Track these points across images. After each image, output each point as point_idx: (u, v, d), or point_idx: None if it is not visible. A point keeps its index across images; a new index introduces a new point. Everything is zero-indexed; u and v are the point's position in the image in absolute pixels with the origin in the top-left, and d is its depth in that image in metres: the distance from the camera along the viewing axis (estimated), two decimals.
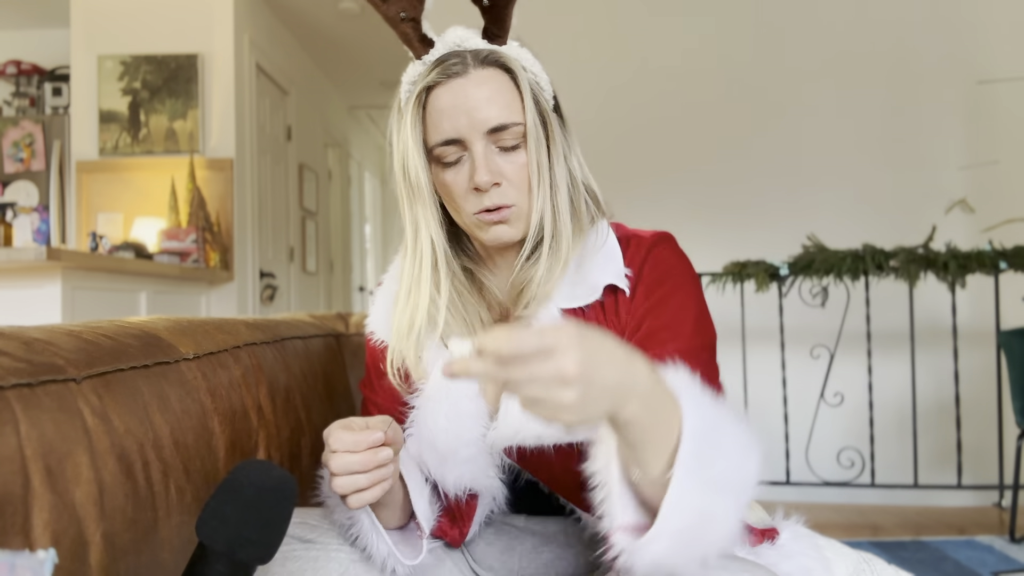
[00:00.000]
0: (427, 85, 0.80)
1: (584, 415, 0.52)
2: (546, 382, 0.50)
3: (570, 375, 0.50)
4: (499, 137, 0.79)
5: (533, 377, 0.50)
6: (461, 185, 0.80)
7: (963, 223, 2.95)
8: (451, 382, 0.81)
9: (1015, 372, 2.39)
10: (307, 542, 0.76)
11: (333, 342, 1.36)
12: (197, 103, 3.59)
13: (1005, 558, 2.20)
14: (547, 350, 0.50)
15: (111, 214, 3.55)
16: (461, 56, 0.80)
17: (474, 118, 0.78)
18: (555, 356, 0.50)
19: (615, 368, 0.53)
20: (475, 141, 0.78)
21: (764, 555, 0.78)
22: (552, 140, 0.82)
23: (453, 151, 0.80)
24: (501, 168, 0.79)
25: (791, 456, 2.92)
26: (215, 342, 0.93)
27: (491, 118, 0.78)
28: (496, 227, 0.81)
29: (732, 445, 0.60)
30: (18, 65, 4.17)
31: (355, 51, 4.92)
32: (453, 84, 0.79)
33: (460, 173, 0.80)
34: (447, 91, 0.79)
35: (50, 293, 2.27)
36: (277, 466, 0.61)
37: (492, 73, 0.80)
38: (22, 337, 0.65)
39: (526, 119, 0.79)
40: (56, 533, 0.56)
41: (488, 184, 0.78)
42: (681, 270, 0.82)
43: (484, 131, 0.78)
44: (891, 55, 3.13)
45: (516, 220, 0.81)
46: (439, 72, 0.79)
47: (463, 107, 0.78)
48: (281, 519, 0.59)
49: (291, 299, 4.52)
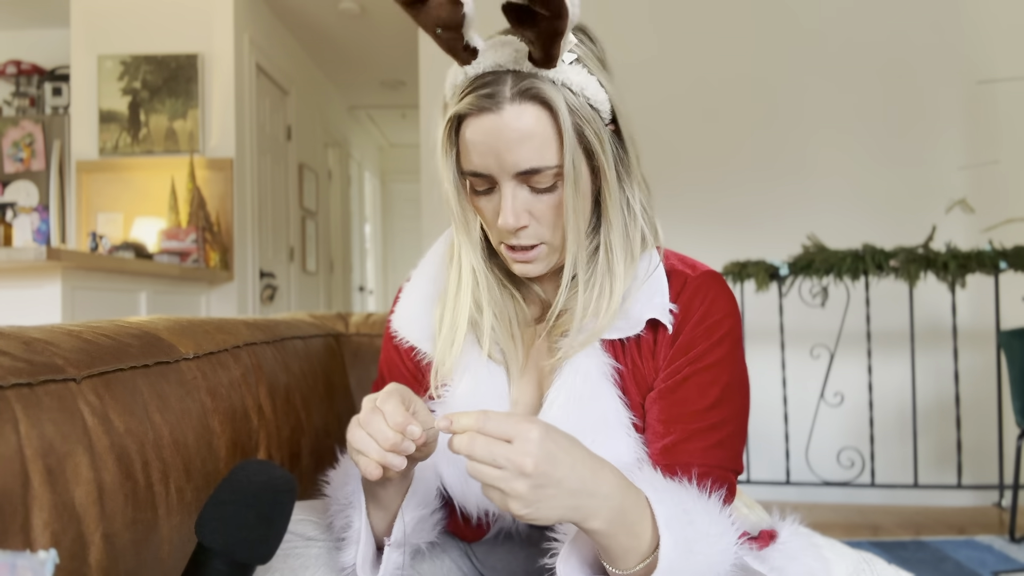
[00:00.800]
0: (458, 113, 0.73)
1: (536, 513, 0.56)
2: (502, 467, 0.55)
3: (526, 468, 0.54)
4: (531, 179, 0.73)
5: (493, 458, 0.55)
6: (491, 215, 0.77)
7: (963, 223, 2.95)
8: (481, 397, 0.80)
9: (1015, 372, 2.39)
10: (309, 539, 0.76)
11: (333, 342, 1.36)
12: (197, 103, 3.59)
13: (1005, 558, 2.20)
14: (511, 438, 0.55)
15: (111, 214, 3.55)
16: (499, 82, 0.71)
17: (504, 159, 0.72)
18: (517, 445, 0.55)
19: (576, 476, 0.57)
20: (504, 182, 0.73)
21: (770, 558, 0.78)
22: (602, 171, 0.75)
23: (483, 183, 0.76)
24: (531, 207, 0.75)
25: (791, 456, 2.92)
26: (215, 342, 0.93)
27: (521, 161, 0.71)
28: (519, 266, 0.78)
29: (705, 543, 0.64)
30: (18, 65, 4.17)
31: (355, 51, 4.92)
32: (484, 120, 0.71)
33: (491, 203, 0.76)
34: (479, 125, 0.72)
35: (50, 293, 2.27)
36: (277, 466, 0.61)
37: (528, 110, 0.71)
38: (22, 337, 0.64)
39: (563, 160, 0.72)
40: (56, 533, 0.56)
41: (513, 228, 0.74)
42: (729, 325, 0.77)
43: (513, 173, 0.73)
44: (891, 55, 3.13)
45: (544, 258, 0.78)
46: (470, 102, 0.72)
47: (493, 147, 0.71)
48: (281, 519, 0.59)
49: (291, 299, 4.52)
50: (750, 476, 2.94)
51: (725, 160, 3.20)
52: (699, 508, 0.67)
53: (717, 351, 0.75)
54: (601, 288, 0.77)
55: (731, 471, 0.75)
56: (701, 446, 0.73)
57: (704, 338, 0.75)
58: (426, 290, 0.88)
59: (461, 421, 0.57)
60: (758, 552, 0.79)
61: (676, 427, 0.74)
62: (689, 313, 0.76)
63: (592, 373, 0.76)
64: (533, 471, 0.55)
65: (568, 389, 0.75)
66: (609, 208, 0.77)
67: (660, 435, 0.75)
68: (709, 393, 0.74)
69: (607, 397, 0.75)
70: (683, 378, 0.75)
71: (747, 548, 0.77)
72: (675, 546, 0.61)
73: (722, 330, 0.76)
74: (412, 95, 4.96)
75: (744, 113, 3.20)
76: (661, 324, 0.76)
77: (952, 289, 2.63)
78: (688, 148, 3.21)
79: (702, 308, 0.76)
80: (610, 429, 0.75)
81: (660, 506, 0.63)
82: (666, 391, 0.75)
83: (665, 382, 0.76)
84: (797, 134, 3.17)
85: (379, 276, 7.57)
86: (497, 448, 0.55)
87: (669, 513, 0.63)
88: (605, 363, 0.76)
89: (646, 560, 0.63)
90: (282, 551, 0.72)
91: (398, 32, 4.44)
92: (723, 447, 0.74)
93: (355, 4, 4.13)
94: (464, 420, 0.57)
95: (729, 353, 0.76)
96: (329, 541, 0.77)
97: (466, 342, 0.81)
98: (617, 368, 0.77)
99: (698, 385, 0.74)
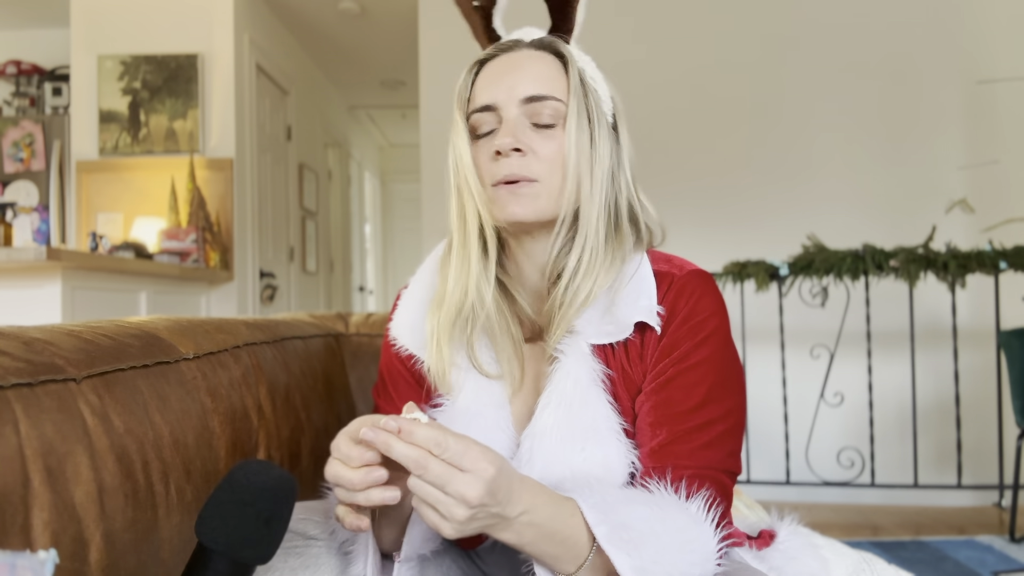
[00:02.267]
0: (480, 59, 0.82)
1: (465, 531, 0.59)
2: (448, 495, 0.56)
3: (471, 501, 0.56)
4: (535, 110, 0.76)
5: (443, 484, 0.56)
6: (487, 154, 0.77)
7: (963, 223, 2.95)
8: (481, 407, 0.80)
9: (1015, 372, 2.39)
10: (310, 538, 0.76)
11: (333, 342, 1.36)
12: (197, 103, 3.59)
13: (1005, 558, 2.20)
14: (467, 471, 0.56)
15: (111, 214, 3.55)
16: (518, 40, 0.82)
17: (513, 86, 0.77)
18: (468, 477, 0.56)
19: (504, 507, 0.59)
20: (509, 107, 0.77)
21: (769, 558, 0.78)
22: (594, 142, 0.78)
23: (487, 120, 0.78)
24: (530, 140, 0.76)
25: (791, 456, 2.92)
26: (215, 342, 0.93)
27: (529, 87, 0.77)
28: (509, 203, 0.76)
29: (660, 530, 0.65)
30: (18, 65, 4.17)
31: (355, 51, 4.92)
32: (503, 57, 0.80)
33: (489, 144, 0.78)
34: (496, 62, 0.80)
35: (50, 293, 2.27)
36: (276, 465, 0.61)
37: (542, 54, 0.80)
38: (22, 337, 0.64)
39: (569, 100, 0.77)
40: (56, 533, 0.56)
41: (508, 147, 0.74)
42: (714, 324, 0.76)
43: (520, 98, 0.77)
44: (891, 55, 3.13)
45: (534, 199, 0.76)
46: (491, 50, 0.81)
47: (505, 75, 0.78)
48: (281, 519, 0.59)
49: (291, 299, 4.52)
50: (750, 476, 2.94)
51: (725, 160, 3.20)
52: (645, 500, 0.68)
53: (702, 350, 0.75)
54: (581, 282, 0.76)
55: (723, 472, 0.74)
56: (689, 447, 0.72)
57: (688, 338, 0.75)
58: (422, 297, 0.87)
59: (418, 433, 0.57)
60: (757, 552, 0.79)
61: (663, 429, 0.73)
62: (674, 313, 0.76)
63: (583, 379, 0.75)
64: (476, 504, 0.57)
65: (559, 395, 0.75)
66: (595, 189, 0.78)
67: (648, 438, 0.74)
68: (695, 393, 0.73)
69: (597, 403, 0.75)
70: (667, 379, 0.74)
71: (745, 548, 0.77)
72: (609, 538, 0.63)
73: (707, 329, 0.75)
74: (412, 95, 4.96)
75: (744, 113, 3.20)
76: (649, 327, 0.76)
77: (952, 289, 2.63)
78: (688, 148, 3.21)
79: (687, 308, 0.76)
80: (600, 435, 0.74)
81: (588, 508, 0.65)
82: (652, 392, 0.75)
83: (651, 383, 0.75)
84: (797, 134, 3.17)
85: (379, 276, 7.58)
86: (450, 475, 0.56)
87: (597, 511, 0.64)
88: (595, 369, 0.76)
89: (588, 558, 0.64)
90: (283, 550, 0.72)
91: (398, 32, 4.44)
92: (712, 448, 0.73)
93: (355, 4, 4.13)
94: (421, 434, 0.57)
95: (715, 352, 0.75)
96: (331, 541, 0.77)
97: (463, 352, 0.81)
98: (608, 374, 0.77)
99: (683, 386, 0.74)
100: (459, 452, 0.57)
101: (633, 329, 0.76)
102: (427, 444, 0.57)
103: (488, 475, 0.57)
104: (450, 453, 0.57)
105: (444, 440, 0.57)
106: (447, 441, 0.57)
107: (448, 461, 0.57)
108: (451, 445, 0.57)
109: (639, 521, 0.65)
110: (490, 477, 0.57)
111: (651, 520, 0.66)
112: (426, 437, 0.57)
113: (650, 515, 0.66)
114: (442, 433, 0.57)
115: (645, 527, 0.65)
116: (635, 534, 0.64)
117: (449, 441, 0.57)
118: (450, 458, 0.57)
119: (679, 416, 0.73)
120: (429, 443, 0.57)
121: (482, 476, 0.57)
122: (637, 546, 0.63)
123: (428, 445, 0.57)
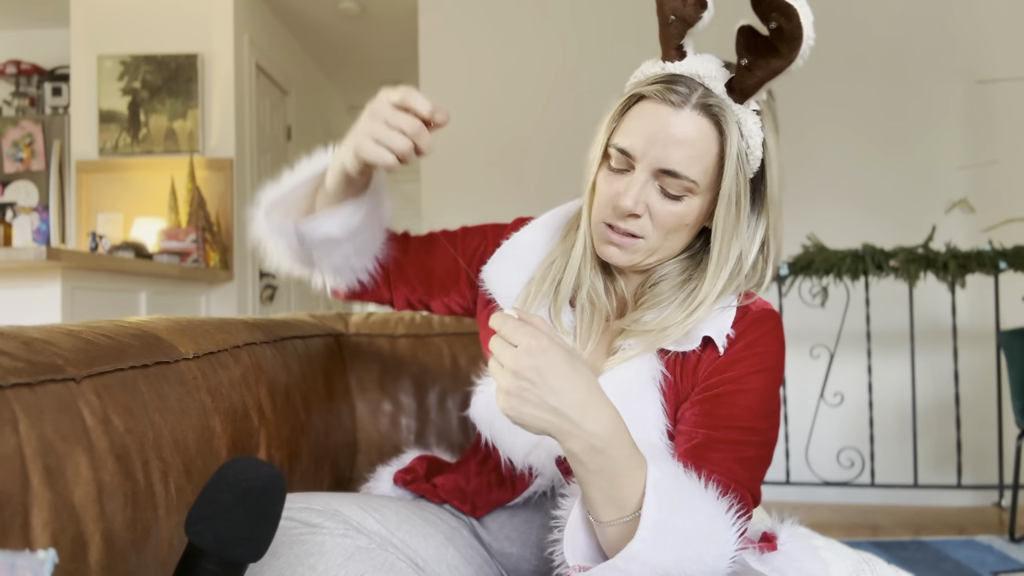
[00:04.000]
0: (641, 94, 0.77)
1: (517, 414, 0.62)
2: (502, 364, 0.62)
3: (517, 370, 0.61)
4: (667, 181, 0.76)
5: (498, 355, 0.63)
6: (608, 193, 0.80)
7: (963, 223, 2.95)
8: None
9: (1015, 372, 2.39)
10: (313, 526, 0.76)
11: (333, 342, 1.36)
12: (197, 103, 3.59)
13: (1005, 558, 2.20)
14: (516, 344, 0.62)
15: (111, 214, 3.56)
16: (689, 87, 0.76)
17: (655, 150, 0.75)
18: (518, 351, 0.61)
19: (559, 399, 0.61)
20: (642, 169, 0.77)
21: (771, 561, 0.78)
22: (736, 217, 0.78)
23: (621, 160, 0.78)
24: (651, 205, 0.78)
25: (791, 456, 2.92)
26: (215, 342, 0.93)
27: (671, 161, 0.75)
28: (609, 248, 0.81)
29: (696, 518, 0.65)
30: (18, 65, 4.17)
31: (355, 51, 4.92)
32: (663, 109, 0.75)
33: (616, 183, 0.79)
34: (653, 111, 0.76)
35: (50, 293, 2.27)
36: (265, 462, 0.61)
37: (702, 122, 0.75)
38: (22, 337, 0.64)
39: (718, 183, 0.77)
40: (55, 532, 0.56)
41: (627, 212, 0.77)
42: (773, 360, 0.79)
43: (656, 168, 0.76)
44: (891, 54, 3.13)
45: (634, 253, 0.80)
46: (658, 90, 0.76)
47: (654, 133, 0.75)
48: (270, 515, 0.59)
49: (291, 299, 4.52)
50: None
51: None
52: (697, 489, 0.66)
53: (757, 380, 0.77)
54: (687, 310, 0.79)
55: (748, 491, 0.75)
56: (723, 456, 0.74)
57: (747, 362, 0.77)
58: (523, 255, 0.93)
59: (493, 320, 0.65)
60: (759, 555, 0.79)
61: (702, 433, 0.75)
62: (741, 338, 0.79)
63: (643, 373, 0.79)
64: (521, 374, 0.61)
65: (618, 381, 0.79)
66: (731, 250, 0.79)
67: (685, 440, 0.76)
68: (739, 414, 0.76)
69: (650, 399, 0.79)
70: (717, 394, 0.77)
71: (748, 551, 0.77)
72: (659, 507, 0.62)
73: (766, 363, 0.78)
74: None
75: None
76: (711, 345, 0.79)
77: (952, 289, 2.63)
78: None
79: (753, 336, 0.79)
80: (646, 430, 0.77)
81: (655, 469, 0.64)
82: (698, 402, 0.77)
83: (699, 395, 0.78)
84: (797, 134, 3.17)
85: None
86: (504, 349, 0.62)
87: (661, 476, 0.64)
88: (656, 368, 0.80)
89: (625, 519, 0.64)
90: (287, 539, 0.72)
91: (398, 32, 4.45)
92: (744, 465, 0.74)
93: (355, 4, 4.13)
94: (493, 320, 0.64)
95: (768, 386, 0.78)
96: (335, 528, 0.77)
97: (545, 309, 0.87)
98: (665, 375, 0.80)
99: (730, 404, 0.76)
100: (513, 330, 0.62)
101: (699, 344, 0.79)
102: (493, 324, 0.64)
103: (532, 346, 0.61)
104: (506, 330, 0.63)
105: (503, 321, 0.64)
106: (506, 322, 0.63)
107: (505, 338, 0.63)
108: (508, 323, 0.63)
109: (684, 520, 0.64)
110: (534, 349, 0.61)
111: (695, 521, 0.65)
112: (495, 322, 0.64)
113: (693, 522, 0.65)
114: (505, 317, 0.64)
115: (688, 525, 0.64)
116: (674, 532, 0.63)
117: (507, 322, 0.63)
118: (506, 335, 0.63)
119: (719, 427, 0.75)
120: (495, 323, 0.64)
121: (527, 348, 0.61)
122: (669, 542, 0.63)
123: (493, 325, 0.64)
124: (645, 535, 0.61)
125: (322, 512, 0.78)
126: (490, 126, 3.33)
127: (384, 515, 0.84)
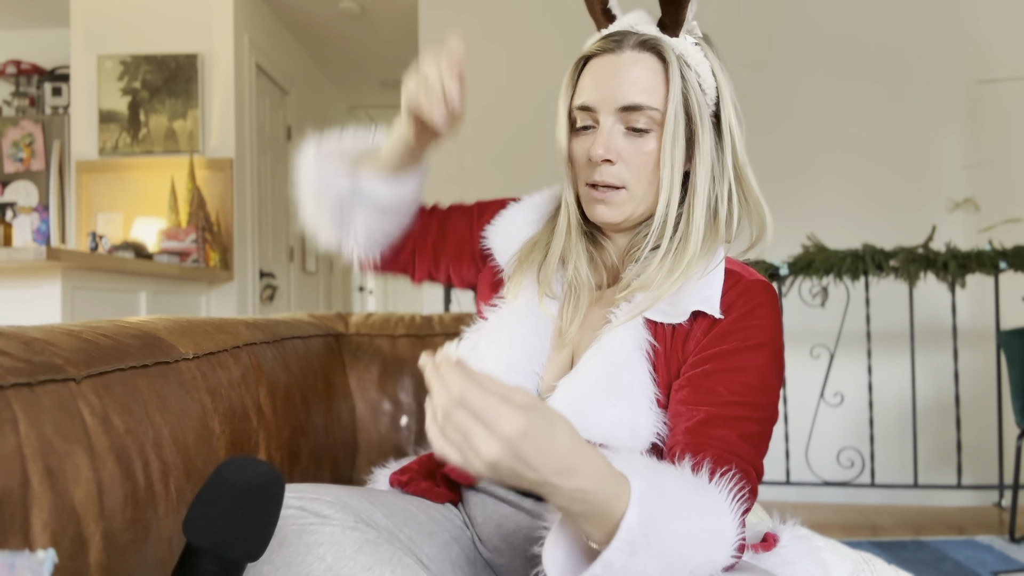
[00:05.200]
0: (585, 55, 0.83)
1: (499, 480, 0.56)
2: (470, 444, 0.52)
3: (488, 457, 0.51)
4: (630, 117, 0.79)
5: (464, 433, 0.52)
6: (581, 155, 0.83)
7: (963, 223, 2.95)
8: (530, 313, 0.86)
9: (1015, 372, 2.39)
10: (323, 517, 0.76)
11: (333, 342, 1.36)
12: (197, 103, 3.59)
13: (1005, 558, 2.20)
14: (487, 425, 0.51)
15: (111, 214, 3.55)
16: (625, 35, 0.81)
17: (611, 92, 0.79)
18: (490, 433, 0.51)
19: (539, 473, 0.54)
20: (605, 114, 0.80)
21: (766, 561, 0.78)
22: (697, 144, 0.80)
23: (585, 118, 0.82)
24: (621, 148, 0.80)
25: (791, 456, 2.92)
26: (215, 342, 0.93)
27: (626, 96, 0.79)
28: (598, 206, 0.82)
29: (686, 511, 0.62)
30: (18, 65, 4.17)
31: (355, 51, 4.92)
32: (606, 58, 0.81)
33: (584, 142, 0.82)
34: (599, 62, 0.81)
35: (50, 293, 2.27)
36: (263, 461, 0.61)
37: (645, 57, 0.80)
38: (22, 337, 0.64)
39: (666, 107, 0.79)
40: (55, 532, 0.56)
41: (599, 158, 0.79)
42: (769, 335, 0.77)
43: (616, 107, 0.79)
44: (891, 55, 3.13)
45: (621, 204, 0.82)
46: (598, 45, 0.82)
47: (605, 80, 0.80)
48: (268, 515, 0.59)
49: (291, 299, 4.52)
50: None
51: None
52: (686, 490, 0.64)
53: (752, 357, 0.76)
54: (672, 265, 0.80)
55: (752, 466, 0.73)
56: (725, 432, 0.73)
57: (740, 335, 0.76)
58: (525, 223, 0.95)
59: (449, 374, 0.52)
60: (758, 556, 0.79)
61: (701, 409, 0.74)
62: (731, 309, 0.78)
63: (628, 342, 0.79)
64: (494, 462, 0.52)
65: (604, 352, 0.79)
66: (699, 177, 0.80)
67: (686, 418, 0.75)
68: (737, 391, 0.75)
69: (637, 368, 0.78)
70: (713, 369, 0.76)
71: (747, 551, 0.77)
72: (640, 524, 0.58)
73: (760, 338, 0.77)
74: None
75: (744, 113, 3.19)
76: (701, 316, 0.78)
77: (952, 289, 2.63)
78: None
79: (744, 308, 0.78)
80: (634, 398, 0.77)
81: (636, 479, 0.60)
82: (693, 378, 0.76)
83: (696, 368, 0.77)
84: (797, 134, 3.17)
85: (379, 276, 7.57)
86: (471, 426, 0.52)
87: (644, 485, 0.60)
88: (643, 337, 0.80)
89: (611, 531, 0.60)
90: (298, 527, 0.72)
91: (398, 32, 4.44)
92: (747, 441, 0.73)
93: (355, 4, 4.13)
94: (451, 378, 0.52)
95: (764, 363, 0.76)
96: (345, 520, 0.77)
97: (533, 276, 0.88)
98: (653, 345, 0.80)
99: (726, 382, 0.75)
100: (486, 407, 0.51)
101: (688, 316, 0.79)
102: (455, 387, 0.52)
103: (508, 432, 0.51)
104: (476, 404, 0.51)
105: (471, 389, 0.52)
106: (475, 390, 0.52)
107: (473, 411, 0.51)
108: (475, 397, 0.51)
109: (672, 528, 0.61)
110: (510, 436, 0.51)
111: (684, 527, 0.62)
112: (455, 379, 0.52)
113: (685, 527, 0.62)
114: (472, 381, 0.52)
115: (676, 532, 0.61)
116: (659, 542, 0.60)
117: (476, 390, 0.51)
118: (475, 408, 0.51)
119: (719, 404, 0.74)
120: (457, 388, 0.52)
121: (502, 435, 0.51)
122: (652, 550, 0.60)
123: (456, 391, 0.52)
124: (621, 545, 0.58)
125: (332, 503, 0.78)
126: (490, 125, 3.33)
127: (391, 510, 0.84)
